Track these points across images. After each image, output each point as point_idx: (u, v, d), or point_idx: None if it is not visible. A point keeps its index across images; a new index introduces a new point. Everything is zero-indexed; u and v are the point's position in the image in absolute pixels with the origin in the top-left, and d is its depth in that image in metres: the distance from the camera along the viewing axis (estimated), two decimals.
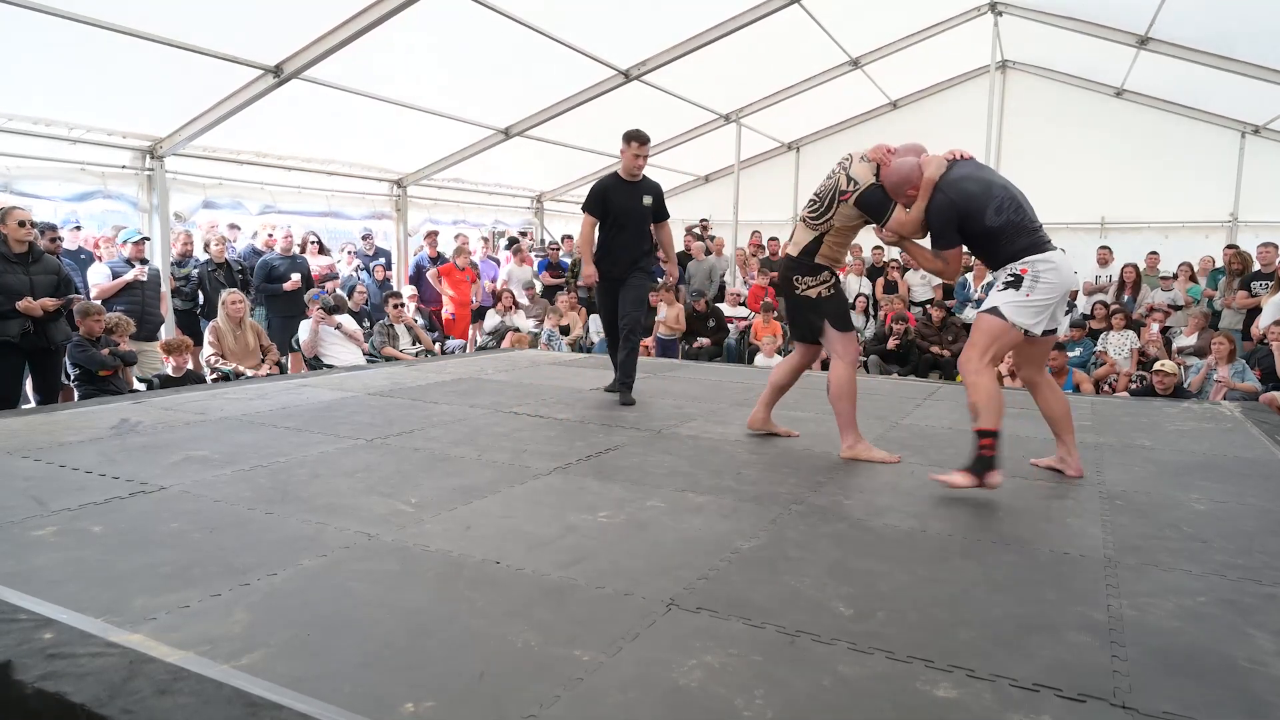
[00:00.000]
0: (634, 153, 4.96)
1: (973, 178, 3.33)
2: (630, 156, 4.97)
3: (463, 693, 1.70)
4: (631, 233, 5.05)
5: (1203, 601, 2.22)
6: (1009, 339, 3.21)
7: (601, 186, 5.07)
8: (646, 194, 5.09)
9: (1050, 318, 3.26)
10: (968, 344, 3.34)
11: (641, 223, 5.10)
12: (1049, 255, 3.20)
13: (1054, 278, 3.16)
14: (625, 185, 5.04)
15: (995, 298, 3.23)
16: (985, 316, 3.25)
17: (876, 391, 5.70)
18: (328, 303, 7.72)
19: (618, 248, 5.04)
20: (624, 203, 5.01)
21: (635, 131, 5.01)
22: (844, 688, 1.75)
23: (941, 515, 2.94)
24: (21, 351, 5.35)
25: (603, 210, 5.01)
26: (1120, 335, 8.56)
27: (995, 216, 3.21)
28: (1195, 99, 10.63)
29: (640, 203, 5.05)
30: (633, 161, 4.99)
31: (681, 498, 3.08)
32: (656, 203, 5.14)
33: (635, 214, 5.04)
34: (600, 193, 5.03)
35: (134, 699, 1.61)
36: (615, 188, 5.04)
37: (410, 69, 7.70)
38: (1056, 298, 3.22)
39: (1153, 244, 11.01)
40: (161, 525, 2.66)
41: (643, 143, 4.99)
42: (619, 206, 5.00)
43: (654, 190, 5.15)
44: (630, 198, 5.03)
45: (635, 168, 5.02)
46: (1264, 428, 4.59)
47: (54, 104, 6.54)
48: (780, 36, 9.06)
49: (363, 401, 4.94)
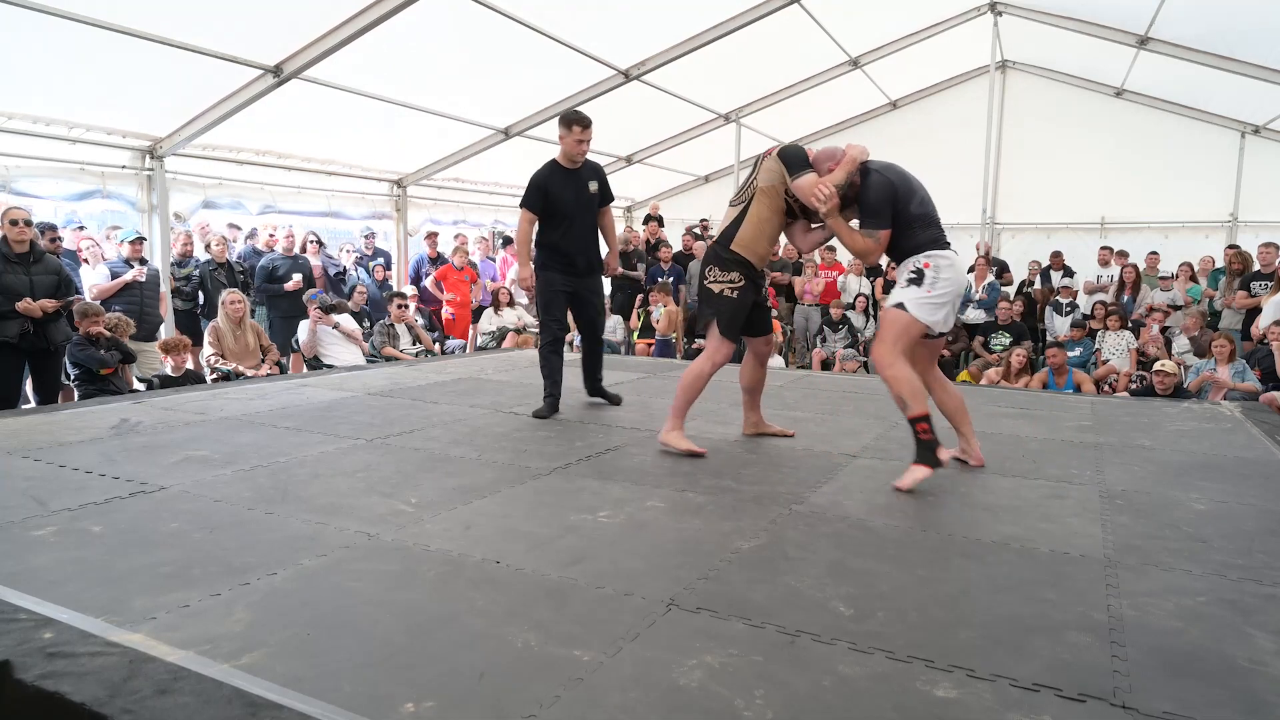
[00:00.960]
0: (576, 137, 4.47)
1: (896, 169, 3.50)
2: (572, 142, 4.49)
3: (463, 693, 1.70)
4: (581, 226, 4.62)
5: (1203, 601, 2.22)
6: (914, 332, 3.34)
7: (540, 177, 4.54)
8: (592, 179, 4.64)
9: (946, 317, 3.39)
10: (876, 339, 3.48)
11: (590, 213, 4.67)
12: (947, 253, 3.37)
13: (951, 274, 3.33)
14: (567, 173, 4.56)
15: (899, 294, 3.36)
16: (892, 311, 3.38)
17: (877, 391, 5.70)
18: (325, 302, 7.72)
19: (569, 246, 4.60)
20: (569, 194, 4.53)
21: (575, 113, 4.55)
22: (844, 688, 1.75)
23: (941, 515, 2.94)
24: (21, 352, 5.34)
25: (544, 204, 4.51)
26: (1116, 336, 8.55)
27: (919, 206, 3.40)
28: (1195, 99, 10.64)
29: (587, 191, 4.60)
30: (575, 147, 4.50)
31: (681, 498, 3.08)
32: (602, 186, 4.70)
33: (583, 205, 4.60)
34: (540, 184, 4.51)
35: (134, 699, 1.61)
36: (556, 177, 4.55)
37: (410, 69, 7.70)
38: (953, 294, 3.36)
39: (1153, 244, 11.01)
40: (161, 525, 2.66)
41: (585, 126, 4.50)
42: (564, 199, 4.52)
43: (598, 174, 4.71)
44: (575, 187, 4.56)
45: (578, 154, 4.54)
46: (1264, 428, 4.59)
47: (54, 103, 6.54)
48: (780, 36, 9.07)
49: (363, 401, 4.94)
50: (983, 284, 9.84)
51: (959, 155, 11.68)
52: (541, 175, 4.57)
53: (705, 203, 13.79)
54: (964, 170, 11.58)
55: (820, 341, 10.05)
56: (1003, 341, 8.96)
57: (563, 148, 4.57)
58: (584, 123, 4.52)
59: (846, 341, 9.93)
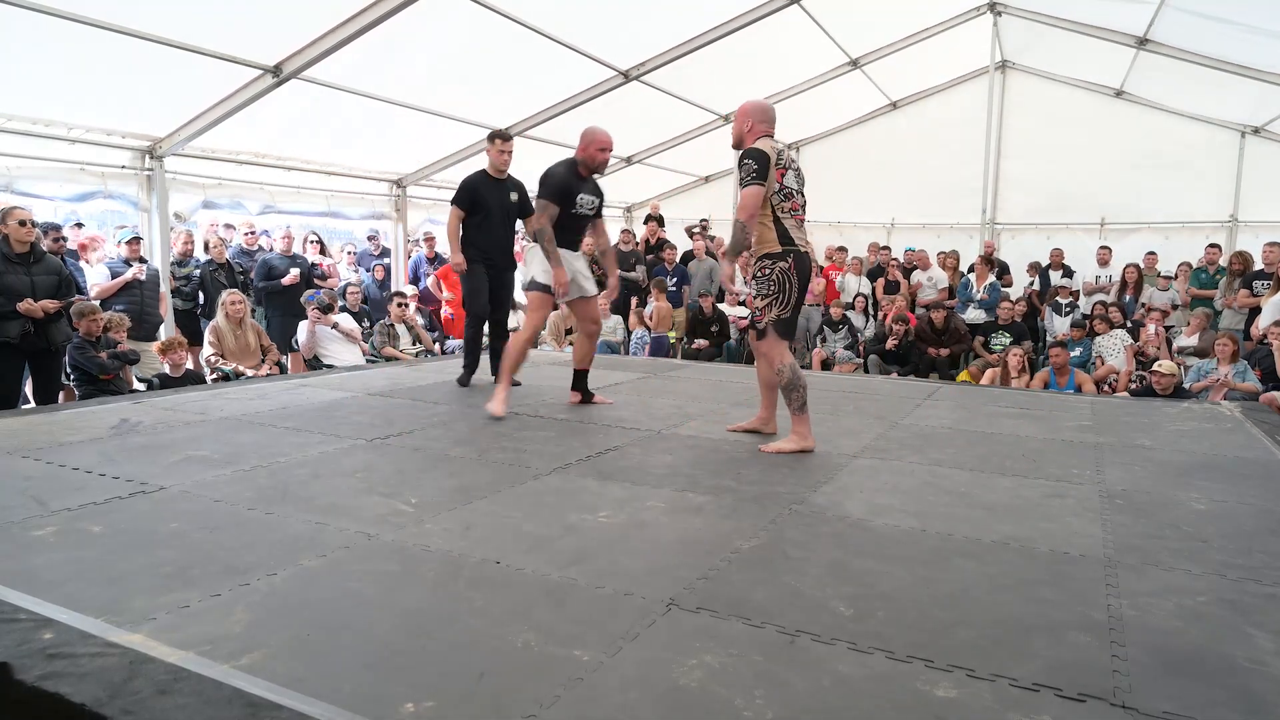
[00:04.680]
0: (499, 149, 5.30)
1: None
2: (496, 153, 5.31)
3: (463, 693, 1.70)
4: (499, 227, 5.38)
5: (1203, 601, 2.22)
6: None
7: (471, 182, 5.33)
8: (513, 190, 5.41)
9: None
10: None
11: (508, 218, 5.45)
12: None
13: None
14: (493, 182, 5.34)
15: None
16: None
17: (877, 392, 5.70)
18: (322, 302, 7.71)
19: (488, 241, 5.34)
20: (492, 199, 5.31)
21: (499, 130, 5.45)
22: (844, 688, 1.75)
23: (941, 515, 2.94)
24: (22, 352, 5.34)
25: (471, 204, 5.28)
26: (1108, 337, 8.53)
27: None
28: (1195, 99, 10.62)
29: (507, 198, 5.37)
30: (499, 158, 5.31)
31: (681, 498, 3.08)
32: (522, 199, 5.45)
33: (502, 210, 5.36)
34: (470, 188, 5.31)
35: (134, 699, 1.61)
36: (484, 184, 5.33)
37: (410, 69, 7.69)
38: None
39: (1153, 244, 11.00)
40: (161, 525, 2.66)
41: (506, 140, 5.36)
42: (488, 202, 5.29)
43: (519, 188, 5.47)
44: (498, 194, 5.34)
45: (502, 164, 5.34)
46: (1264, 428, 4.59)
47: (53, 104, 6.53)
48: (780, 37, 9.06)
49: (363, 401, 4.94)
50: (983, 284, 9.84)
51: (959, 155, 11.69)
52: (472, 180, 5.36)
53: (705, 203, 13.77)
54: (964, 170, 11.59)
55: (820, 341, 10.05)
56: (1003, 341, 8.96)
57: (489, 159, 5.37)
58: (505, 137, 5.39)
59: (847, 341, 9.93)
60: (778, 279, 3.73)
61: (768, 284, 3.75)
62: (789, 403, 3.82)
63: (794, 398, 3.79)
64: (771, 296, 3.75)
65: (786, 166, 3.74)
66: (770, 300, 3.76)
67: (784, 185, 3.71)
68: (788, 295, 3.75)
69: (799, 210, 3.80)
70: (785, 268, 3.72)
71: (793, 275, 3.73)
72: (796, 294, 3.76)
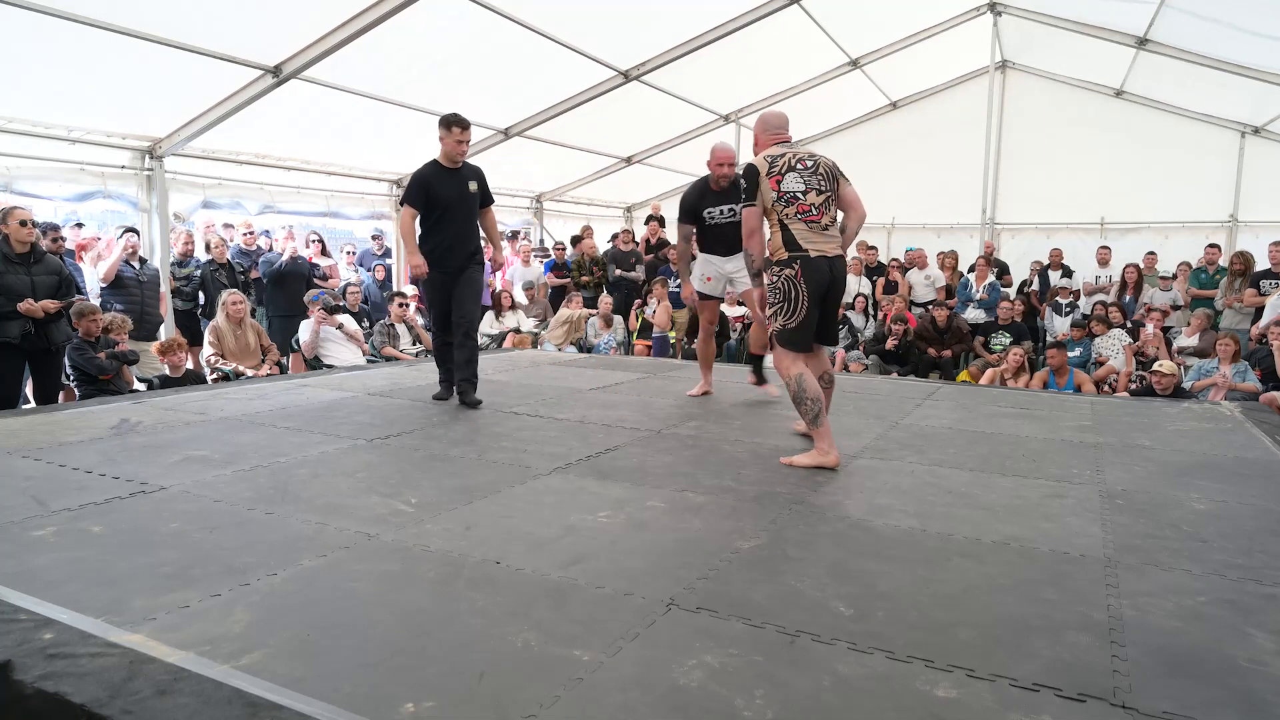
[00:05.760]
0: (456, 138, 4.70)
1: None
2: (452, 142, 4.71)
3: (463, 693, 1.70)
4: (461, 223, 4.83)
5: (1203, 601, 2.22)
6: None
7: (421, 176, 4.75)
8: (471, 179, 4.85)
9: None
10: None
11: (470, 212, 4.88)
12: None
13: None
14: (447, 173, 4.77)
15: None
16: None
17: (877, 392, 5.70)
18: (328, 303, 7.72)
19: (448, 240, 4.80)
20: (448, 192, 4.75)
21: (454, 115, 4.73)
22: (844, 688, 1.75)
23: (941, 515, 2.94)
24: (22, 352, 5.34)
25: (426, 201, 4.73)
26: (1105, 338, 8.52)
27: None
28: (1195, 99, 10.63)
29: (467, 190, 4.82)
30: (455, 147, 4.72)
31: (681, 498, 3.08)
32: (482, 188, 4.92)
33: (462, 203, 4.81)
34: (421, 182, 4.73)
35: (134, 699, 1.61)
36: (437, 176, 4.75)
37: (410, 69, 7.70)
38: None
39: (1152, 244, 11.01)
40: (161, 525, 2.66)
41: (464, 127, 4.73)
42: (443, 196, 4.74)
43: (477, 175, 4.92)
44: (454, 186, 4.78)
45: (457, 154, 4.76)
46: (1264, 428, 4.59)
47: (53, 104, 6.53)
48: (780, 37, 9.06)
49: (363, 401, 4.94)
50: (983, 284, 9.84)
51: (959, 155, 11.68)
52: (423, 173, 4.76)
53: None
54: (964, 170, 11.59)
55: None
56: (1003, 341, 8.96)
57: (443, 148, 4.75)
58: (463, 124, 4.72)
59: (847, 341, 9.92)
60: (782, 287, 3.60)
61: (774, 293, 3.65)
62: (801, 416, 3.70)
63: (802, 411, 3.64)
64: (776, 306, 3.64)
65: (783, 171, 3.62)
66: (775, 310, 3.64)
67: (782, 191, 3.59)
68: (794, 305, 3.58)
69: (812, 211, 3.59)
70: (791, 275, 3.57)
71: (799, 282, 3.55)
72: (806, 302, 3.57)
